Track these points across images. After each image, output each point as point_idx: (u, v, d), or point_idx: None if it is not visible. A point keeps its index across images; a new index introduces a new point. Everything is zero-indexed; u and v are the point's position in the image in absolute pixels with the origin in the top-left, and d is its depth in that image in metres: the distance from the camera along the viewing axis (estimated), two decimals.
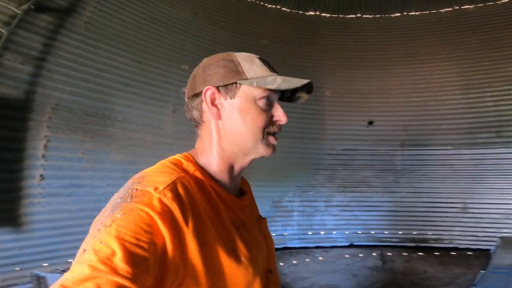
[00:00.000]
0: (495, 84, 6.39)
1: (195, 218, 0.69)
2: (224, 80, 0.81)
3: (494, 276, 4.04)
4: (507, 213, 6.12)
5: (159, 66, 5.59)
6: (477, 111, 6.53)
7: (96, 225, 0.63)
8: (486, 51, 6.50)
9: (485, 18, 6.63)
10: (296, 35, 7.09)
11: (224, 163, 0.84)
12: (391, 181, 6.85)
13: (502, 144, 6.31)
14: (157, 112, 5.57)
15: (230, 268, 0.73)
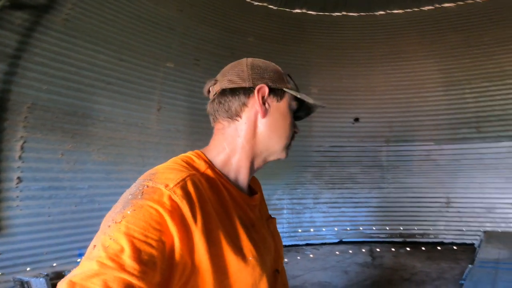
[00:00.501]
0: (475, 81, 6.45)
1: (204, 216, 0.68)
2: (275, 83, 0.84)
3: (481, 270, 4.01)
4: (489, 207, 6.18)
5: (143, 64, 5.38)
6: (457, 107, 6.57)
7: (106, 221, 0.63)
8: (466, 48, 6.55)
9: (465, 16, 6.67)
10: (283, 33, 6.99)
11: (246, 161, 0.84)
12: (378, 177, 6.83)
13: (481, 139, 6.37)
14: (141, 111, 5.36)
15: (238, 267, 0.72)
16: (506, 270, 4.00)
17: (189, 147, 5.57)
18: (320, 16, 7.23)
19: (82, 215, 4.49)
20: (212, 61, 6.21)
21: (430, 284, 4.30)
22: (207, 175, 0.78)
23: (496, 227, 6.07)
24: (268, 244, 0.86)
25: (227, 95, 0.84)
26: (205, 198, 0.71)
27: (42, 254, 4.09)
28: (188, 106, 5.90)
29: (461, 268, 4.70)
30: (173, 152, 5.53)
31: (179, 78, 5.82)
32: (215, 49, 6.29)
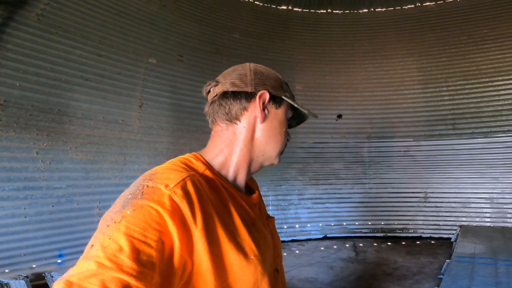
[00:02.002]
0: (451, 79, 6.39)
1: (204, 216, 0.66)
2: (276, 90, 0.83)
3: (458, 265, 3.95)
4: (464, 202, 6.16)
5: (124, 59, 5.06)
6: (434, 104, 6.52)
7: (105, 220, 0.61)
8: (444, 47, 6.48)
9: (443, 15, 6.59)
10: (268, 30, 6.76)
11: (243, 164, 0.83)
12: (360, 172, 6.73)
13: (457, 136, 6.34)
14: (121, 108, 5.04)
15: (239, 266, 0.70)
16: (482, 265, 3.96)
17: (172, 144, 5.30)
18: (305, 13, 7.03)
19: (60, 215, 4.19)
20: (196, 57, 5.94)
21: (411, 278, 4.22)
22: (206, 175, 0.76)
23: (471, 222, 6.06)
24: (268, 243, 0.84)
25: (229, 98, 0.81)
26: (205, 198, 0.69)
27: (20, 255, 3.81)
28: (171, 103, 5.62)
29: (440, 262, 4.63)
30: (155, 150, 5.27)
31: (161, 74, 5.53)
32: (200, 45, 6.01)
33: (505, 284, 3.31)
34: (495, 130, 6.09)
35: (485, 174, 6.09)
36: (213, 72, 6.12)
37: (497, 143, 6.07)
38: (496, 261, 4.05)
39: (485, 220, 6.00)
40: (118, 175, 4.93)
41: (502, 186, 5.98)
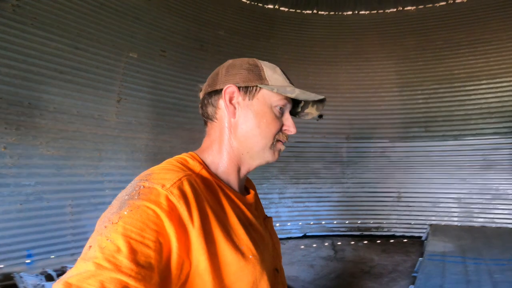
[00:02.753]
0: (426, 83, 6.49)
1: (201, 216, 0.64)
2: (246, 81, 0.79)
3: (430, 263, 4.00)
4: (434, 201, 6.29)
5: (103, 53, 4.79)
6: (409, 107, 6.61)
7: (102, 221, 0.59)
8: (421, 51, 6.55)
9: (422, 20, 6.65)
10: (254, 28, 6.61)
11: (232, 162, 0.81)
12: (338, 172, 6.73)
13: (429, 138, 6.46)
14: (98, 102, 4.77)
15: (237, 266, 0.67)
16: (453, 263, 4.02)
17: (151, 141, 5.05)
18: (291, 13, 6.94)
19: (29, 214, 3.88)
20: (180, 53, 5.73)
21: (387, 276, 4.24)
22: (202, 175, 0.75)
23: (440, 221, 6.19)
24: (267, 243, 0.81)
25: (206, 99, 0.83)
26: (202, 198, 0.68)
27: None
28: (152, 98, 5.38)
29: (412, 260, 4.70)
30: (133, 146, 5.02)
31: (142, 69, 5.28)
32: (184, 41, 5.80)
33: (475, 283, 3.36)
34: (465, 134, 6.24)
35: (454, 175, 6.24)
36: (197, 68, 5.93)
37: (466, 146, 6.22)
38: (465, 260, 4.13)
39: (453, 220, 6.14)
40: (93, 172, 4.66)
41: (469, 186, 6.14)
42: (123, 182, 4.95)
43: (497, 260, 4.03)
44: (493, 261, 3.99)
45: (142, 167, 5.18)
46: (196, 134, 5.80)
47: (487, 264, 3.90)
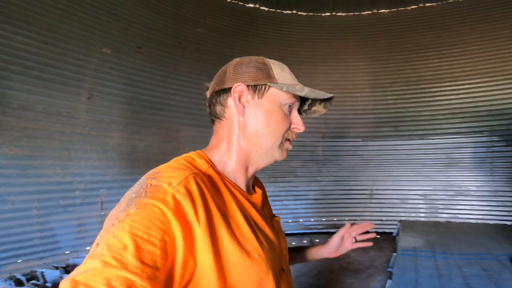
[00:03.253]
0: (395, 84, 6.67)
1: (207, 215, 0.64)
2: (255, 80, 0.77)
3: (404, 258, 4.09)
4: (403, 198, 6.48)
5: (73, 48, 4.50)
6: (380, 107, 6.76)
7: (110, 219, 0.59)
8: (392, 54, 6.71)
9: (395, 22, 6.81)
10: (234, 26, 6.48)
11: (240, 161, 0.79)
12: (315, 170, 6.76)
13: (398, 137, 6.64)
14: (67, 99, 4.46)
15: (243, 265, 0.66)
16: (424, 258, 4.13)
17: (125, 139, 4.78)
18: (272, 12, 6.89)
19: None
20: (157, 49, 5.49)
21: (364, 272, 4.29)
22: (209, 174, 0.73)
23: (409, 217, 6.39)
24: (273, 242, 0.79)
25: (214, 98, 0.81)
26: (208, 197, 0.66)
27: None
28: (126, 96, 5.11)
29: (386, 256, 4.80)
30: (106, 145, 4.74)
31: (116, 66, 5.00)
32: (161, 37, 5.56)
33: (447, 276, 3.46)
34: (430, 133, 6.47)
35: (420, 173, 6.46)
36: (174, 66, 5.70)
37: (431, 145, 6.46)
38: (435, 254, 4.26)
39: (420, 215, 6.36)
40: (61, 172, 4.35)
41: (434, 183, 6.39)
42: (94, 183, 4.67)
43: (464, 254, 4.19)
44: (460, 256, 4.14)
45: (115, 167, 4.92)
46: (173, 133, 5.59)
47: (455, 258, 4.04)
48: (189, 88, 5.85)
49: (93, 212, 4.65)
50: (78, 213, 4.47)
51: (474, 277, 3.38)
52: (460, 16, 6.36)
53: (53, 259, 4.09)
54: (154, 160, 5.36)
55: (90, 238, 4.53)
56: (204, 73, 5.98)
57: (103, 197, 4.81)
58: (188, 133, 5.81)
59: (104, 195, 4.82)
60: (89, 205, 4.60)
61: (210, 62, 6.05)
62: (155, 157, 5.41)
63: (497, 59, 5.97)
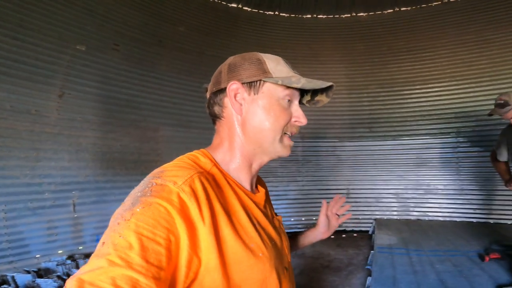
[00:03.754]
0: (371, 86, 6.80)
1: (212, 214, 0.64)
2: (249, 76, 0.76)
3: (381, 256, 4.16)
4: (377, 197, 6.63)
5: (45, 44, 4.26)
6: (356, 109, 6.88)
7: (116, 218, 0.59)
8: (368, 56, 6.82)
9: (372, 26, 6.91)
10: (216, 26, 6.34)
11: (243, 159, 0.79)
12: (294, 170, 6.78)
13: (372, 138, 6.78)
14: (36, 96, 4.20)
15: (247, 264, 0.67)
16: (399, 255, 4.22)
17: (99, 139, 4.55)
18: (254, 13, 6.81)
19: None
20: (135, 47, 5.29)
21: (344, 270, 4.35)
22: (213, 173, 0.73)
23: (383, 215, 6.55)
24: (276, 241, 0.80)
25: (212, 99, 0.81)
26: (213, 196, 0.67)
27: None
28: (101, 94, 4.88)
29: (364, 254, 4.89)
30: (78, 145, 4.50)
31: (91, 63, 4.76)
32: (140, 35, 5.35)
33: (421, 272, 3.56)
34: (402, 134, 6.65)
35: (393, 172, 6.62)
36: (153, 64, 5.51)
37: (402, 145, 6.64)
38: (409, 251, 4.37)
39: (393, 214, 6.53)
40: (29, 173, 4.09)
41: (406, 182, 6.57)
42: (65, 184, 4.43)
43: (435, 251, 4.32)
44: (432, 252, 4.26)
45: (88, 168, 4.68)
46: (151, 133, 5.40)
47: (427, 255, 4.15)
48: (168, 87, 5.67)
49: (64, 215, 4.41)
50: (48, 216, 4.22)
51: (446, 273, 3.48)
52: (432, 20, 6.55)
53: (24, 263, 3.87)
54: (131, 161, 5.15)
55: (61, 242, 4.30)
56: (183, 72, 5.83)
57: (76, 199, 4.56)
58: (166, 133, 5.63)
59: (77, 197, 4.58)
60: (60, 208, 4.36)
61: (190, 61, 5.91)
62: (132, 157, 5.20)
63: (464, 63, 6.20)
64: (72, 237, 4.44)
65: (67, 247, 4.37)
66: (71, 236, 4.43)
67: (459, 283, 3.21)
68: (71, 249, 4.40)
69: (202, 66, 5.98)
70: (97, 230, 4.70)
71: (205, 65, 5.98)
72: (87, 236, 4.59)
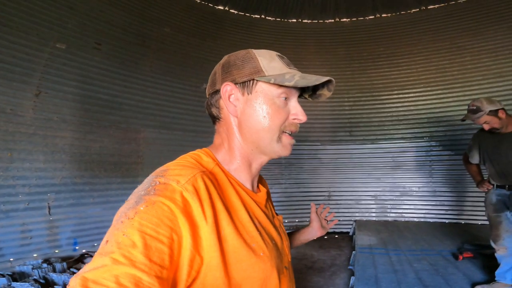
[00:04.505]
0: (351, 91, 6.95)
1: (214, 213, 0.64)
2: (242, 76, 0.75)
3: (362, 256, 4.25)
4: (357, 199, 6.77)
5: (22, 42, 4.11)
6: (337, 113, 7.01)
7: (119, 216, 0.59)
8: (349, 61, 6.97)
9: (354, 32, 7.07)
10: (202, 28, 6.30)
11: (243, 159, 0.79)
12: (277, 173, 6.81)
13: (352, 142, 6.93)
14: (11, 95, 4.02)
15: (249, 263, 0.67)
16: (379, 254, 4.32)
17: (77, 140, 4.40)
18: (240, 16, 6.82)
19: None
20: (118, 46, 5.16)
21: (328, 270, 4.40)
22: (215, 172, 0.73)
23: (362, 217, 6.69)
24: (276, 241, 0.80)
25: (209, 100, 0.81)
26: (216, 195, 0.67)
27: None
28: (80, 94, 4.72)
29: (345, 254, 4.97)
30: (54, 146, 4.33)
31: (71, 62, 4.61)
32: (124, 35, 5.23)
33: (401, 271, 3.66)
34: (379, 138, 6.82)
35: (371, 175, 6.79)
36: (136, 64, 5.38)
37: (380, 149, 6.81)
38: (388, 251, 4.49)
39: (371, 215, 6.69)
40: (2, 174, 3.91)
41: (383, 185, 6.75)
42: (40, 186, 4.27)
43: (412, 251, 4.45)
44: (410, 252, 4.40)
45: (64, 169, 4.51)
46: (132, 134, 5.26)
47: (405, 254, 4.28)
48: (151, 88, 5.56)
49: (39, 218, 4.22)
50: (22, 219, 4.03)
51: (424, 272, 3.60)
52: (409, 27, 6.77)
53: None
54: (110, 163, 5.00)
55: (36, 245, 4.12)
56: (168, 73, 5.74)
57: (51, 202, 4.37)
58: (148, 134, 5.51)
59: (52, 200, 4.39)
60: (34, 210, 4.17)
61: (174, 63, 5.82)
62: (112, 159, 5.05)
63: (438, 69, 6.42)
64: (47, 241, 4.25)
65: (42, 251, 4.18)
66: (46, 239, 4.24)
67: (436, 281, 3.32)
68: (47, 253, 4.22)
69: (187, 68, 5.91)
70: (75, 234, 4.52)
71: (190, 67, 5.92)
72: (64, 240, 4.41)
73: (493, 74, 5.92)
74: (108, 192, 4.94)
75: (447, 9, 6.51)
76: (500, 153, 2.97)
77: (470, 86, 6.10)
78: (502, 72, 5.84)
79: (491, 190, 3.14)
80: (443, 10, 6.55)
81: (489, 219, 3.16)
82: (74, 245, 4.51)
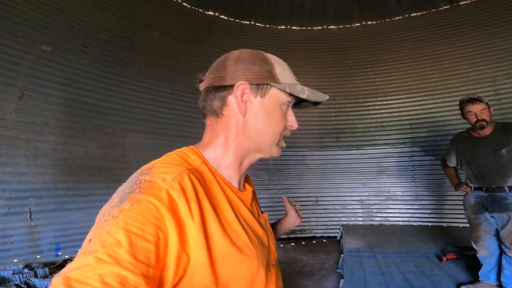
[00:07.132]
0: (338, 98, 7.06)
1: (201, 211, 0.63)
2: (258, 79, 0.75)
3: (351, 259, 4.29)
4: (344, 204, 6.83)
5: (7, 43, 4.05)
6: (324, 119, 7.09)
7: (103, 215, 0.57)
8: (336, 68, 7.09)
9: (341, 39, 7.20)
10: (191, 33, 6.29)
11: (236, 158, 0.78)
12: (266, 179, 6.81)
13: (338, 148, 7.01)
14: None
15: (236, 261, 0.66)
16: (367, 258, 4.36)
17: (61, 144, 4.30)
18: (230, 21, 6.86)
19: None
20: (105, 50, 5.09)
21: (317, 274, 4.41)
22: (201, 170, 0.72)
23: (349, 221, 6.75)
24: (262, 239, 0.80)
25: (211, 93, 0.77)
26: (202, 193, 0.66)
27: None
28: (65, 97, 4.63)
29: (334, 258, 5.00)
30: (37, 150, 4.22)
31: (56, 64, 4.52)
32: (112, 38, 5.16)
33: (388, 273, 3.70)
34: (364, 144, 6.93)
35: (357, 180, 6.87)
36: (124, 68, 5.31)
37: (365, 155, 6.92)
38: (375, 254, 4.54)
39: (358, 220, 6.76)
40: None
41: (369, 190, 6.84)
42: (21, 191, 4.14)
43: (398, 253, 4.53)
44: (395, 254, 4.46)
45: (47, 174, 4.38)
46: (118, 139, 5.17)
47: (392, 257, 4.34)
48: (139, 93, 5.49)
49: (20, 223, 4.08)
50: (2, 224, 3.90)
51: (410, 273, 3.65)
52: (393, 35, 6.94)
53: None
54: (95, 167, 4.89)
55: (17, 250, 3.99)
56: (156, 78, 5.69)
57: (33, 207, 4.23)
58: (134, 139, 5.42)
59: (34, 205, 4.25)
60: (15, 215, 4.04)
61: (163, 67, 5.78)
62: (97, 164, 4.93)
63: (419, 76, 6.59)
64: (28, 246, 4.10)
65: (23, 256, 4.03)
66: (27, 245, 4.09)
67: (423, 282, 3.38)
68: (28, 258, 4.07)
69: (176, 72, 5.88)
70: (57, 239, 4.38)
71: (178, 71, 5.89)
72: (45, 245, 4.27)
73: (472, 81, 6.13)
74: (92, 198, 4.81)
75: (429, 16, 6.73)
76: (477, 155, 3.07)
77: (450, 93, 6.29)
78: (480, 79, 6.07)
79: (469, 192, 3.22)
80: (424, 18, 6.77)
81: (469, 221, 3.24)
82: (56, 251, 4.36)
